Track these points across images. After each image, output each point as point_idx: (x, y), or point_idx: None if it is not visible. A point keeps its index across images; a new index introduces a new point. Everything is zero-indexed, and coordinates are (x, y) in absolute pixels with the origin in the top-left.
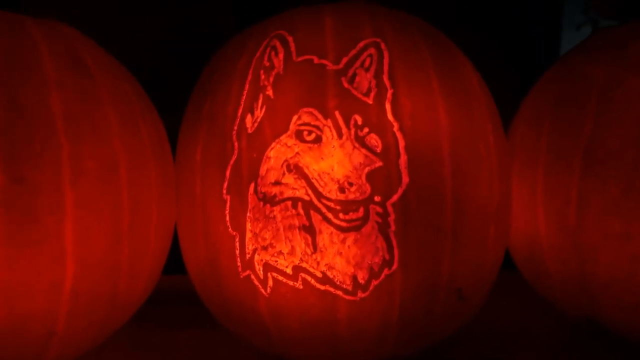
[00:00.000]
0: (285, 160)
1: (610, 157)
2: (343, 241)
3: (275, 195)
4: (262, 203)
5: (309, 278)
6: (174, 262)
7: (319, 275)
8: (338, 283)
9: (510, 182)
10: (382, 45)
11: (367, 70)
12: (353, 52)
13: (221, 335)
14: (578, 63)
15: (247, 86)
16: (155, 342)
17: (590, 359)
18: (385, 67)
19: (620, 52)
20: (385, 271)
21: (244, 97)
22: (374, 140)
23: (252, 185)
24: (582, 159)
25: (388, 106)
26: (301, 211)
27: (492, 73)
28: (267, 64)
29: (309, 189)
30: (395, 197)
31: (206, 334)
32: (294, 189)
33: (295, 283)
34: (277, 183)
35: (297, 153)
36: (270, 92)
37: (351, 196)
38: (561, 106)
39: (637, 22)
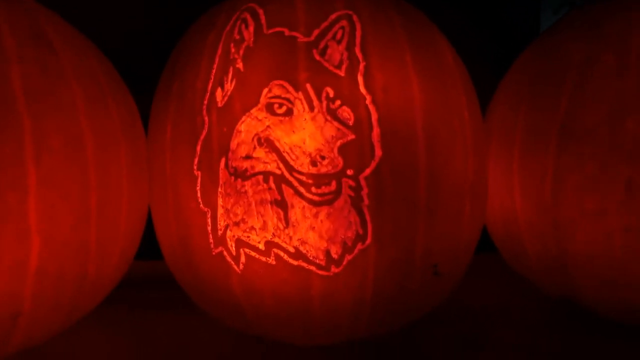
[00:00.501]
0: (256, 134)
1: (586, 134)
2: (315, 215)
3: (246, 170)
4: (233, 178)
5: (281, 253)
6: (155, 246)
7: (292, 250)
8: (311, 258)
9: (486, 159)
10: (355, 18)
11: (338, 42)
12: (324, 24)
13: (200, 319)
14: (555, 42)
15: (217, 60)
16: (132, 325)
17: (569, 338)
18: (358, 40)
19: (596, 30)
20: (359, 246)
21: (214, 71)
22: (346, 113)
23: (223, 160)
24: (558, 136)
25: (360, 79)
26: (273, 185)
27: (472, 54)
28: (237, 37)
29: (280, 162)
30: (368, 171)
31: (184, 317)
32: (265, 162)
33: (267, 259)
34: (248, 157)
35: (268, 126)
36: (240, 65)
37: (323, 169)
38: (538, 84)
39: (612, 0)
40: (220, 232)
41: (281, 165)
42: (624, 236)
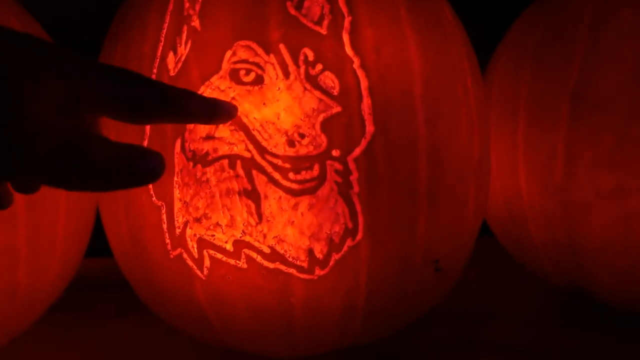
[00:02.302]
0: None
1: (602, 103)
2: (295, 207)
3: (207, 153)
4: (191, 164)
5: (254, 255)
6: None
7: (267, 250)
8: (290, 259)
9: (489, 134)
10: None
11: None
12: None
13: (160, 326)
14: (560, 1)
15: (167, 18)
16: (84, 333)
17: (575, 334)
18: None
19: None
20: (348, 242)
21: (164, 31)
22: (330, 79)
23: (179, 142)
24: (570, 106)
25: (346, 37)
26: (241, 172)
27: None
28: None
29: (249, 143)
30: (357, 151)
31: (142, 324)
32: (230, 144)
33: (237, 262)
34: (210, 137)
35: (233, 98)
36: (196, 23)
37: (303, 151)
38: (544, 48)
39: None
40: (178, 231)
41: (251, 147)
42: None
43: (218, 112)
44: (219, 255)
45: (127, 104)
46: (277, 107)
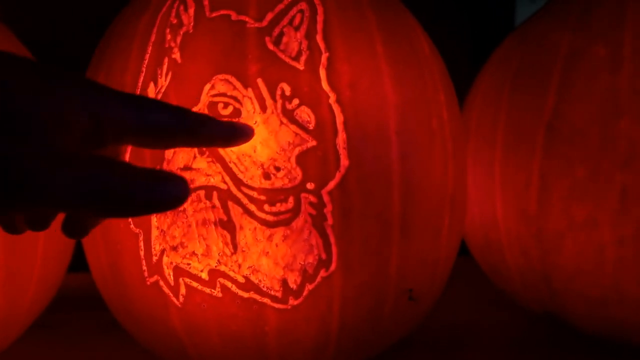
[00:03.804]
0: None
1: (575, 135)
2: (269, 238)
3: None
4: None
5: (229, 284)
6: None
7: (241, 280)
8: (265, 289)
9: (466, 164)
10: (316, 0)
11: (296, 29)
12: (280, 6)
13: (139, 346)
14: (538, 31)
15: (149, 49)
16: (62, 353)
17: (549, 357)
18: (319, 26)
19: (584, 19)
20: (322, 273)
21: (146, 62)
22: (306, 114)
23: None
24: (545, 137)
25: (322, 73)
26: (217, 203)
27: (444, 44)
28: (175, 21)
29: (226, 175)
30: (332, 184)
31: (121, 343)
32: (207, 175)
33: (212, 290)
34: (187, 168)
35: None
36: (177, 55)
37: (278, 183)
38: (521, 78)
39: None
40: (155, 258)
41: (227, 179)
42: (617, 250)
43: (236, 134)
44: (194, 284)
45: (150, 130)
46: (253, 140)
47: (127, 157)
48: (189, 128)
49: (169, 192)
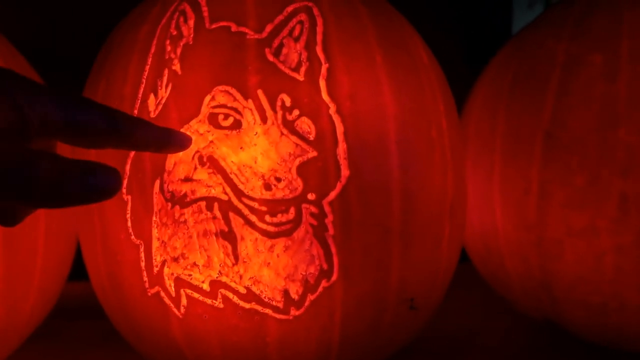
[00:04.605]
0: (197, 151)
1: (573, 143)
2: (271, 249)
3: (185, 195)
4: (170, 204)
5: (230, 295)
6: None
7: (243, 291)
8: (266, 300)
9: (465, 172)
10: (315, 11)
11: (296, 40)
12: (279, 18)
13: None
14: (536, 39)
15: (149, 60)
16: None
17: None
18: (319, 37)
19: (582, 28)
20: (323, 283)
21: (146, 73)
22: (306, 125)
23: (158, 183)
24: (543, 145)
25: (322, 84)
26: (218, 214)
27: (441, 51)
28: (175, 32)
29: (227, 186)
30: (333, 194)
31: (126, 350)
32: (208, 186)
33: (213, 301)
34: (188, 179)
35: (212, 142)
36: (177, 66)
37: (279, 194)
38: (519, 85)
39: None
40: (156, 269)
41: (228, 190)
42: (616, 257)
43: (169, 141)
44: (195, 295)
45: (77, 128)
46: (254, 151)
47: (127, 167)
48: (121, 130)
49: (97, 184)
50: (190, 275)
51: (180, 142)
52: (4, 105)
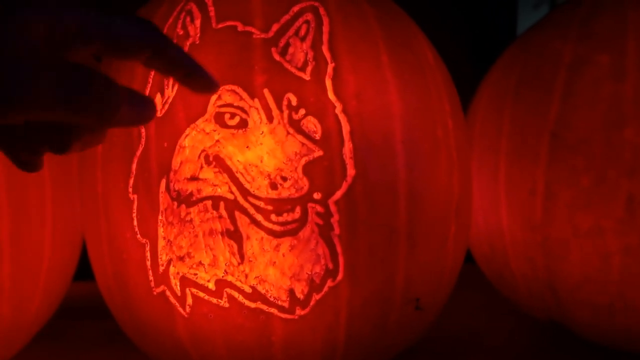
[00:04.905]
0: (203, 150)
1: (579, 143)
2: (276, 248)
3: (191, 194)
4: (176, 203)
5: (235, 294)
6: None
7: (248, 290)
8: (272, 299)
9: (471, 173)
10: (321, 10)
11: (302, 39)
12: (286, 17)
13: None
14: (541, 40)
15: None
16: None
17: None
18: (325, 37)
19: (587, 28)
20: (329, 283)
21: (153, 72)
22: (312, 124)
23: (164, 182)
24: (549, 145)
25: (329, 83)
26: (224, 213)
27: (446, 52)
28: (181, 32)
29: (232, 185)
30: (339, 194)
31: (131, 350)
32: (214, 185)
33: (219, 300)
34: (194, 179)
35: (218, 141)
36: None
37: (285, 193)
38: (525, 86)
39: None
40: (162, 268)
41: (234, 189)
42: (622, 258)
43: (198, 73)
44: (201, 294)
45: (114, 38)
46: (260, 150)
47: (133, 166)
48: (156, 44)
49: (144, 112)
50: (195, 274)
51: (209, 80)
52: (44, 16)
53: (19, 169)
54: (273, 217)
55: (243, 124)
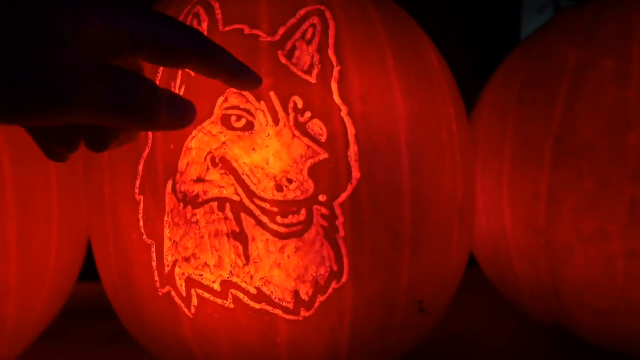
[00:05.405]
0: (210, 152)
1: (583, 147)
2: (282, 250)
3: (198, 195)
4: (182, 205)
5: (241, 295)
6: None
7: (253, 291)
8: (277, 300)
9: (475, 176)
10: (328, 14)
11: (309, 43)
12: (292, 21)
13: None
14: (546, 44)
15: None
16: None
17: None
18: (331, 40)
19: (592, 33)
20: (334, 285)
21: (160, 75)
22: (318, 127)
23: (170, 183)
24: (553, 149)
25: (334, 86)
26: (230, 214)
27: (451, 56)
28: None
29: (239, 187)
30: (344, 196)
31: (136, 350)
32: (220, 187)
33: (224, 301)
34: (200, 180)
35: (224, 143)
36: None
37: (291, 195)
38: (528, 90)
39: (603, 1)
40: (167, 269)
41: (240, 191)
42: (626, 262)
43: (245, 74)
44: (206, 295)
45: (163, 45)
46: (266, 152)
47: (140, 167)
48: (203, 51)
49: (185, 116)
50: (201, 275)
51: (255, 78)
52: (97, 22)
53: (28, 167)
54: (279, 219)
55: (249, 127)
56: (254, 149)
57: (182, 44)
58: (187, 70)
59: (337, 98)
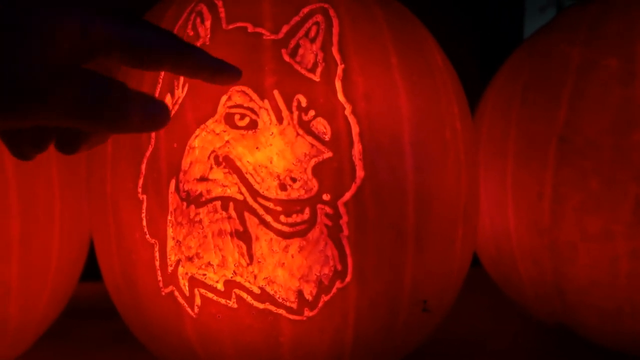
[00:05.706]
0: (213, 151)
1: (588, 146)
2: (285, 249)
3: (201, 194)
4: (185, 204)
5: (244, 295)
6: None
7: (257, 291)
8: (280, 300)
9: (478, 175)
10: (331, 12)
11: (312, 41)
12: (296, 19)
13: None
14: (549, 43)
15: None
16: None
17: None
18: (335, 38)
19: (596, 32)
20: (337, 284)
21: (162, 73)
22: (322, 125)
23: (173, 182)
24: (557, 148)
25: (338, 84)
26: (233, 213)
27: (454, 56)
28: (192, 33)
29: (242, 186)
30: (348, 195)
31: (138, 350)
32: (223, 186)
33: (228, 301)
34: (204, 179)
35: (228, 142)
36: None
37: (294, 194)
38: (532, 89)
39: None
40: (170, 269)
41: (243, 189)
42: (630, 261)
43: (222, 70)
44: (209, 294)
45: (138, 48)
46: (270, 151)
47: (143, 166)
48: (178, 52)
49: (157, 118)
50: (204, 274)
51: (233, 72)
52: (70, 25)
53: (30, 167)
54: (282, 218)
55: (253, 125)
56: (257, 148)
57: (157, 46)
58: None
59: (341, 96)
